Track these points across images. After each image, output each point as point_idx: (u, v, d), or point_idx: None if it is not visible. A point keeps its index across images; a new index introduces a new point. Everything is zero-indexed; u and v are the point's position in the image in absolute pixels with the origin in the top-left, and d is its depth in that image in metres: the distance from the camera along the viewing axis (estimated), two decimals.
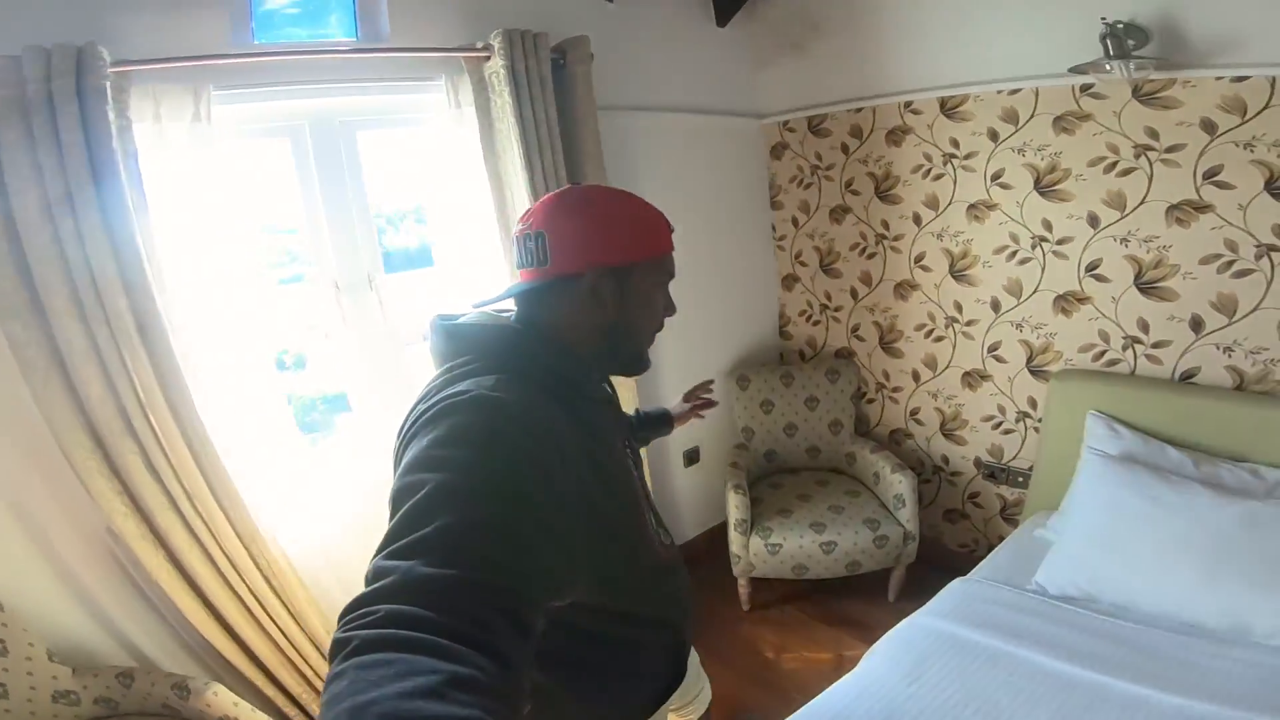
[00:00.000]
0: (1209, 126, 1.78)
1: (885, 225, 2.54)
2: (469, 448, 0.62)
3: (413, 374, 2.01)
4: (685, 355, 2.65)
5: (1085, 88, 1.96)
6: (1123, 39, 1.78)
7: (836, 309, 2.80)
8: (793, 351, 3.00)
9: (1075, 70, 1.80)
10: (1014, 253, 2.23)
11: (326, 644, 1.68)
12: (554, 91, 1.93)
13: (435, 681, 0.43)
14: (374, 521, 1.75)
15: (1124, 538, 1.65)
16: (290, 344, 1.97)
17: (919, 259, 2.48)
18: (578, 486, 0.70)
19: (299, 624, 1.72)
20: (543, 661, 0.73)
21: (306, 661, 1.74)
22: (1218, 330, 1.88)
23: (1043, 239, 2.15)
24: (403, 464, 0.63)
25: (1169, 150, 1.86)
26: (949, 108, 2.25)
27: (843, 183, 2.61)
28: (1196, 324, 1.91)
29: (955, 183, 2.30)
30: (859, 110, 2.48)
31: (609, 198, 0.84)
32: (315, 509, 1.80)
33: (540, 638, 0.56)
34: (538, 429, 0.67)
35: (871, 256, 2.61)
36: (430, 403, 0.69)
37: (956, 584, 1.80)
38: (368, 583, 0.52)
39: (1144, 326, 2.02)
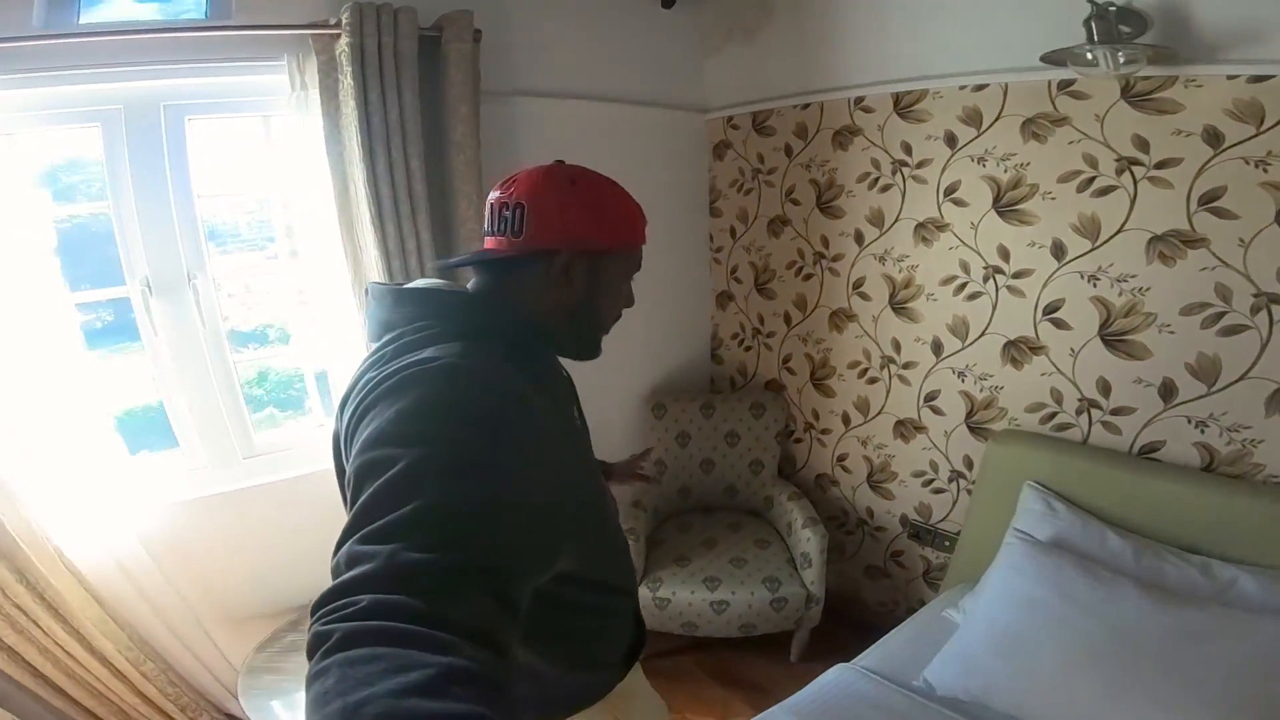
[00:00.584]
0: (1214, 138, 1.40)
1: (825, 243, 2.16)
2: (443, 421, 0.59)
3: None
4: (607, 375, 2.09)
5: (1065, 84, 1.58)
6: (1113, 23, 1.41)
7: (769, 335, 2.42)
8: (724, 378, 2.62)
9: (1049, 59, 1.42)
10: (963, 285, 1.85)
11: (119, 661, 1.59)
12: (422, 73, 1.64)
13: (431, 676, 0.39)
14: (184, 537, 1.69)
15: (1028, 641, 1.37)
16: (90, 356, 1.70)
17: (858, 284, 2.10)
18: (554, 455, 0.67)
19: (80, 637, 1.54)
20: (524, 636, 0.67)
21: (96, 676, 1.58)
22: (1192, 400, 1.50)
23: (997, 270, 1.77)
24: (364, 438, 0.59)
25: (1159, 166, 1.48)
26: (903, 105, 1.88)
27: (784, 190, 2.24)
28: (1168, 390, 1.53)
29: (904, 196, 1.93)
30: (806, 107, 2.11)
31: (595, 181, 0.83)
32: (115, 522, 1.61)
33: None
34: (512, 399, 0.64)
35: (808, 278, 2.24)
36: (387, 370, 0.65)
37: (835, 672, 1.53)
38: (338, 571, 0.48)
39: (1104, 388, 1.64)
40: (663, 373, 2.52)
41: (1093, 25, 1.40)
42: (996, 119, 1.70)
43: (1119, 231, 1.56)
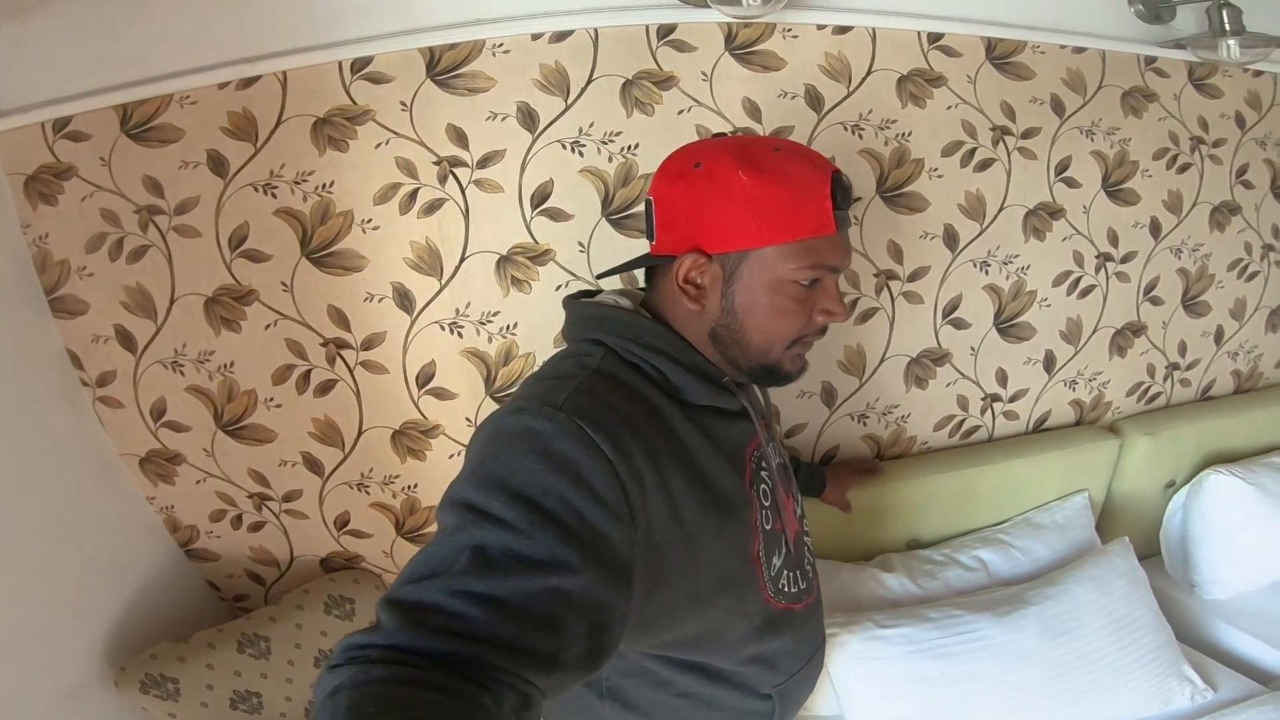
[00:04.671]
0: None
1: (317, 339, 1.22)
2: (487, 494, 0.55)
3: None
4: None
5: (665, 32, 1.15)
6: None
7: (268, 502, 1.32)
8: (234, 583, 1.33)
9: None
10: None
11: None
12: None
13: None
14: None
15: None
16: None
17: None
18: (662, 511, 0.62)
19: None
20: (606, 694, 0.69)
21: None
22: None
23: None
24: (460, 473, 0.59)
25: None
26: (446, 69, 1.12)
27: (225, 242, 1.16)
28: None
29: (442, 231, 1.19)
30: (250, 84, 1.08)
31: (735, 153, 0.66)
32: None
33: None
34: (561, 465, 0.56)
35: (277, 408, 1.25)
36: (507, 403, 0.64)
37: None
38: (385, 615, 0.49)
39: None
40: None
41: None
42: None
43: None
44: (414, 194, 1.16)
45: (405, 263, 1.19)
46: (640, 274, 0.88)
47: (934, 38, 1.31)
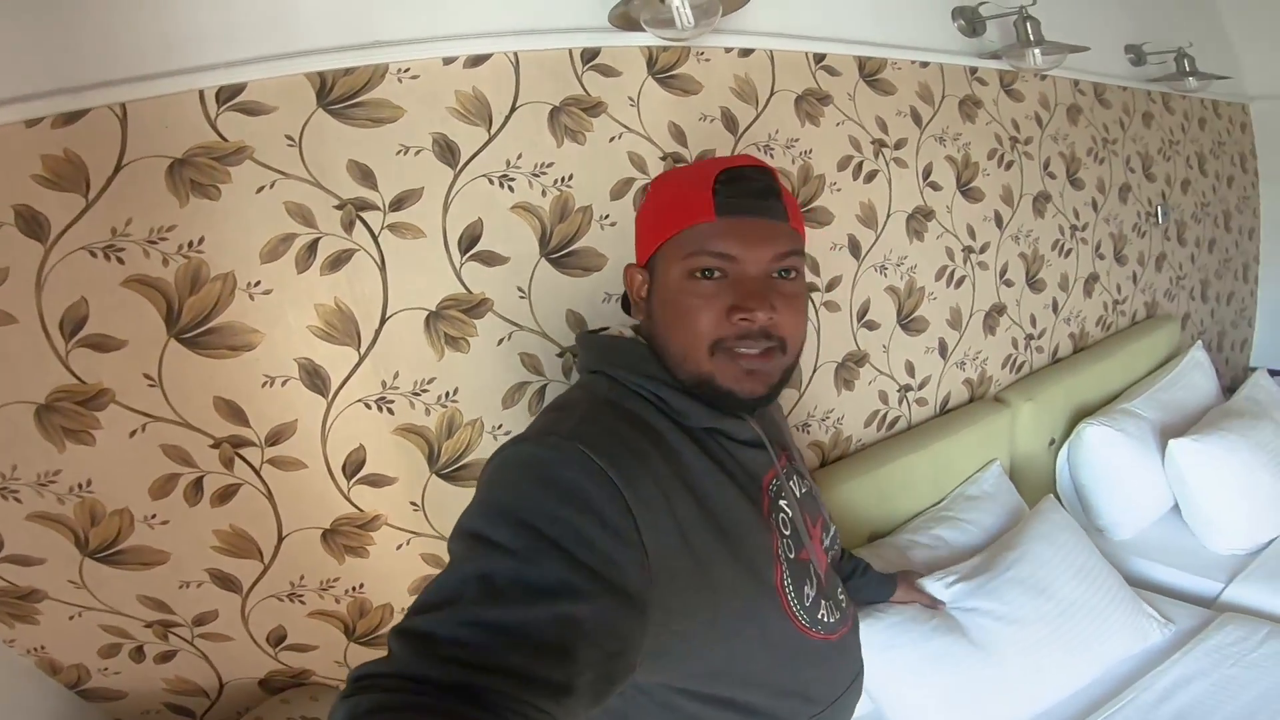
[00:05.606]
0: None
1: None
2: (491, 525, 0.55)
3: None
4: None
5: (590, 56, 1.07)
6: None
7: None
8: None
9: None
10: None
11: None
12: None
13: None
14: None
15: None
16: None
17: None
18: (672, 536, 0.61)
19: None
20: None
21: None
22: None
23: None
24: (469, 505, 0.59)
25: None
26: (341, 97, 0.93)
27: (55, 327, 0.85)
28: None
29: (354, 289, 0.99)
30: (74, 119, 0.79)
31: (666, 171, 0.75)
32: None
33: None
34: (556, 495, 0.56)
35: (163, 525, 0.99)
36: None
37: None
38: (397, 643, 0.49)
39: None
40: None
41: None
42: (510, 112, 1.04)
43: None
44: (313, 245, 0.95)
45: (311, 331, 0.96)
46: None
47: (819, 58, 1.38)
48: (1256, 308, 3.29)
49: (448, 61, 0.99)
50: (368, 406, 1.02)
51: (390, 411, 1.04)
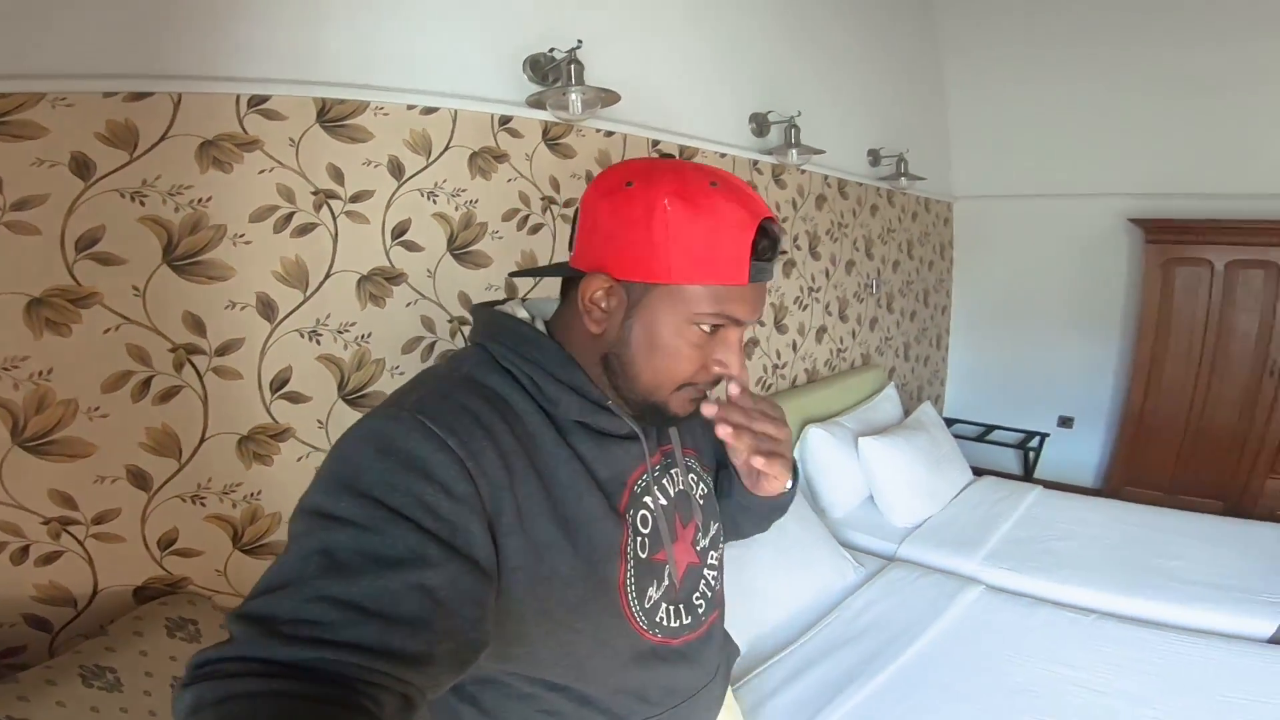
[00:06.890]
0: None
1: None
2: (334, 495, 0.54)
3: None
4: None
5: (504, 121, 1.55)
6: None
7: None
8: None
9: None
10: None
11: None
12: None
13: None
14: None
15: None
16: None
17: None
18: (510, 514, 0.61)
19: None
20: (465, 699, 0.68)
21: None
22: None
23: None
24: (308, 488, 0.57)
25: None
26: (335, 118, 1.31)
27: (71, 243, 1.08)
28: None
29: (311, 250, 1.38)
30: (141, 98, 1.08)
31: (669, 181, 0.62)
32: None
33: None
34: (405, 464, 0.56)
35: (102, 418, 1.26)
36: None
37: None
38: (235, 627, 0.48)
39: None
40: None
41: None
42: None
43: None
44: (290, 217, 1.30)
45: (273, 275, 1.29)
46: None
47: (655, 143, 1.98)
48: (948, 370, 4.18)
49: (410, 108, 1.42)
50: (302, 336, 1.35)
51: (318, 342, 1.38)
